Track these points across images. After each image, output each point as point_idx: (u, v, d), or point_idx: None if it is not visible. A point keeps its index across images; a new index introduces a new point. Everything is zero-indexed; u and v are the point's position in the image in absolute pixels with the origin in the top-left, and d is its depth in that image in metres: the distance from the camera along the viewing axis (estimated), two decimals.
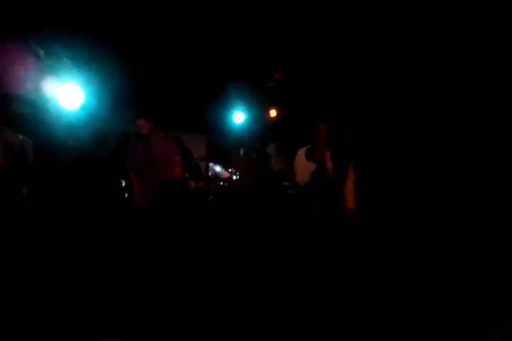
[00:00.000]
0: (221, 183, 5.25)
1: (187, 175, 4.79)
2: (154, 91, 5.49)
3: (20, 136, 3.31)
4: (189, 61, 5.36)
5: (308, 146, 3.63)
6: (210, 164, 5.41)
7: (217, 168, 5.33)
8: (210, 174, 5.25)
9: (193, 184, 4.74)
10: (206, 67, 5.48)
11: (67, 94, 4.41)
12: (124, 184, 4.66)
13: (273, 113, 6.41)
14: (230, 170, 5.23)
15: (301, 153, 3.64)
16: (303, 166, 3.60)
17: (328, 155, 3.47)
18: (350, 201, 3.45)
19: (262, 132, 6.38)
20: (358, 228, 3.54)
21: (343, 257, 3.13)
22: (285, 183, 3.91)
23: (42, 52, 3.93)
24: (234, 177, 5.08)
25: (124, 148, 4.73)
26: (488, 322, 2.28)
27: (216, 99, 6.30)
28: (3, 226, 3.04)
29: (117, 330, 2.21)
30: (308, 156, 3.55)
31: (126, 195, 4.51)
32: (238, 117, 6.49)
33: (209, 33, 4.83)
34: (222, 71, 5.68)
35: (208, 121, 6.67)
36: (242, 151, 5.72)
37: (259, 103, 6.44)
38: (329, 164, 3.46)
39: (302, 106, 5.55)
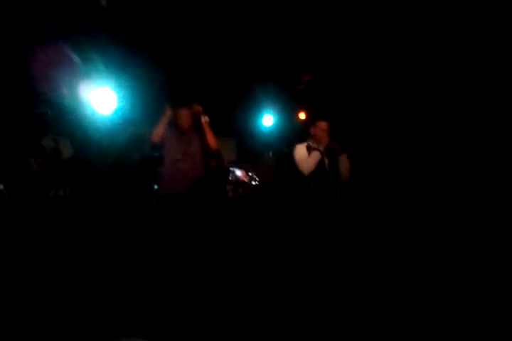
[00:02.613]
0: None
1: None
2: (185, 94, 5.59)
3: (52, 136, 3.35)
4: (218, 65, 5.44)
5: (305, 143, 3.62)
6: (231, 168, 5.41)
7: (238, 172, 5.33)
8: (230, 178, 5.24)
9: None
10: (235, 70, 5.54)
11: (101, 99, 4.53)
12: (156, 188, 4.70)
13: (302, 115, 6.39)
14: (249, 174, 5.23)
15: (301, 146, 3.62)
16: (307, 156, 3.56)
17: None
18: (344, 174, 3.54)
19: (292, 135, 6.37)
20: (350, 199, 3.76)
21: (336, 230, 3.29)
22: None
23: (77, 58, 4.09)
24: (253, 182, 5.09)
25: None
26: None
27: (245, 103, 6.34)
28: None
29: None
30: (310, 148, 3.55)
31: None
32: (267, 120, 6.51)
33: (237, 37, 4.89)
34: (250, 74, 5.73)
35: (238, 124, 6.72)
36: (270, 154, 5.72)
37: (288, 106, 6.44)
38: (326, 160, 3.51)
39: (331, 109, 5.51)
